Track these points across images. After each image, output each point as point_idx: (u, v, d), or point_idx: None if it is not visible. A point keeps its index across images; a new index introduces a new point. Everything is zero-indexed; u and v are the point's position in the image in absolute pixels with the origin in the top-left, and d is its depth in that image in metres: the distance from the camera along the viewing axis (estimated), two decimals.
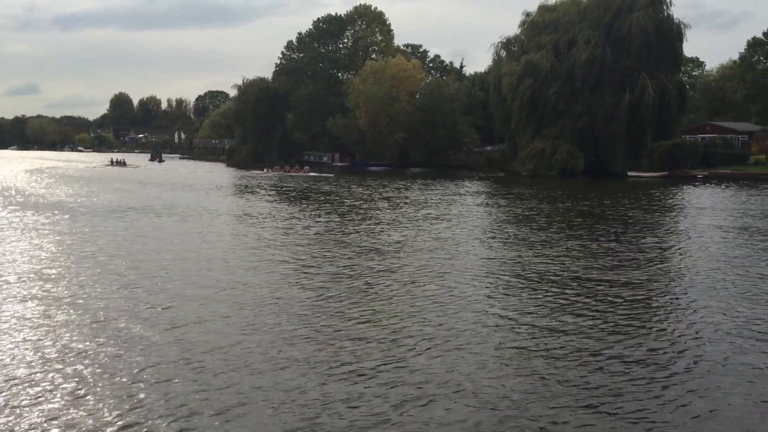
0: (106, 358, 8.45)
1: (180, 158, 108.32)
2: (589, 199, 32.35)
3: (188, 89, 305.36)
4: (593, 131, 53.49)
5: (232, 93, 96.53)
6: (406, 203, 29.98)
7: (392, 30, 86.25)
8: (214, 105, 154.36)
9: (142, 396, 7.26)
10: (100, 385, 7.58)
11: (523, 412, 6.94)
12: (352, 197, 33.45)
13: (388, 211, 26.66)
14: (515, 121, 56.96)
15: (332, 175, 55.40)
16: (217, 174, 60.02)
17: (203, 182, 46.34)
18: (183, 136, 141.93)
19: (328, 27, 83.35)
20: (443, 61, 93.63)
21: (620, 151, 52.66)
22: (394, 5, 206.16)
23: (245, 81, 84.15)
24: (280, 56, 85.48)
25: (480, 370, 8.14)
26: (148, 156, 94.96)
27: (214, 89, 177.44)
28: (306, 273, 13.95)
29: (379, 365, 8.28)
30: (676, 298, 12.16)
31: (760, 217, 24.38)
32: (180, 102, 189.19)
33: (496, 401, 7.23)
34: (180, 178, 52.30)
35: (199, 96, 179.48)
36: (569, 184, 43.78)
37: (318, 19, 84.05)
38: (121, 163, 73.36)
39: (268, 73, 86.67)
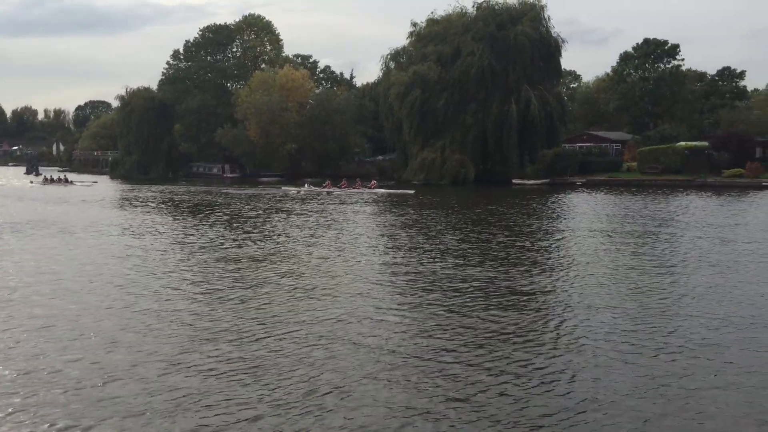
0: None
1: (59, 171, 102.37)
2: (468, 207, 33.36)
3: (67, 99, 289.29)
4: (483, 141, 55.17)
5: (116, 103, 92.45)
6: (295, 214, 29.66)
7: (282, 40, 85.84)
8: (96, 115, 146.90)
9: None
10: None
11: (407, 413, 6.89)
12: (248, 208, 32.73)
13: (277, 221, 26.32)
14: (406, 132, 57.85)
15: (412, 191, 43.88)
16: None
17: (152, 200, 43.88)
18: (62, 147, 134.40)
19: (216, 36, 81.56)
20: (333, 72, 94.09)
21: (509, 159, 54.47)
22: (286, 15, 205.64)
23: (129, 91, 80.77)
24: (166, 66, 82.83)
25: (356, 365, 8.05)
26: (24, 169, 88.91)
27: (95, 99, 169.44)
28: (189, 286, 13.40)
29: (251, 367, 8.02)
30: (543, 290, 12.79)
31: (628, 219, 26.00)
32: (58, 112, 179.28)
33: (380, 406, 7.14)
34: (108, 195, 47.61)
35: (79, 106, 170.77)
36: (454, 192, 44.82)
37: (205, 27, 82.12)
38: (64, 181, 57.40)
39: (154, 83, 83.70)
